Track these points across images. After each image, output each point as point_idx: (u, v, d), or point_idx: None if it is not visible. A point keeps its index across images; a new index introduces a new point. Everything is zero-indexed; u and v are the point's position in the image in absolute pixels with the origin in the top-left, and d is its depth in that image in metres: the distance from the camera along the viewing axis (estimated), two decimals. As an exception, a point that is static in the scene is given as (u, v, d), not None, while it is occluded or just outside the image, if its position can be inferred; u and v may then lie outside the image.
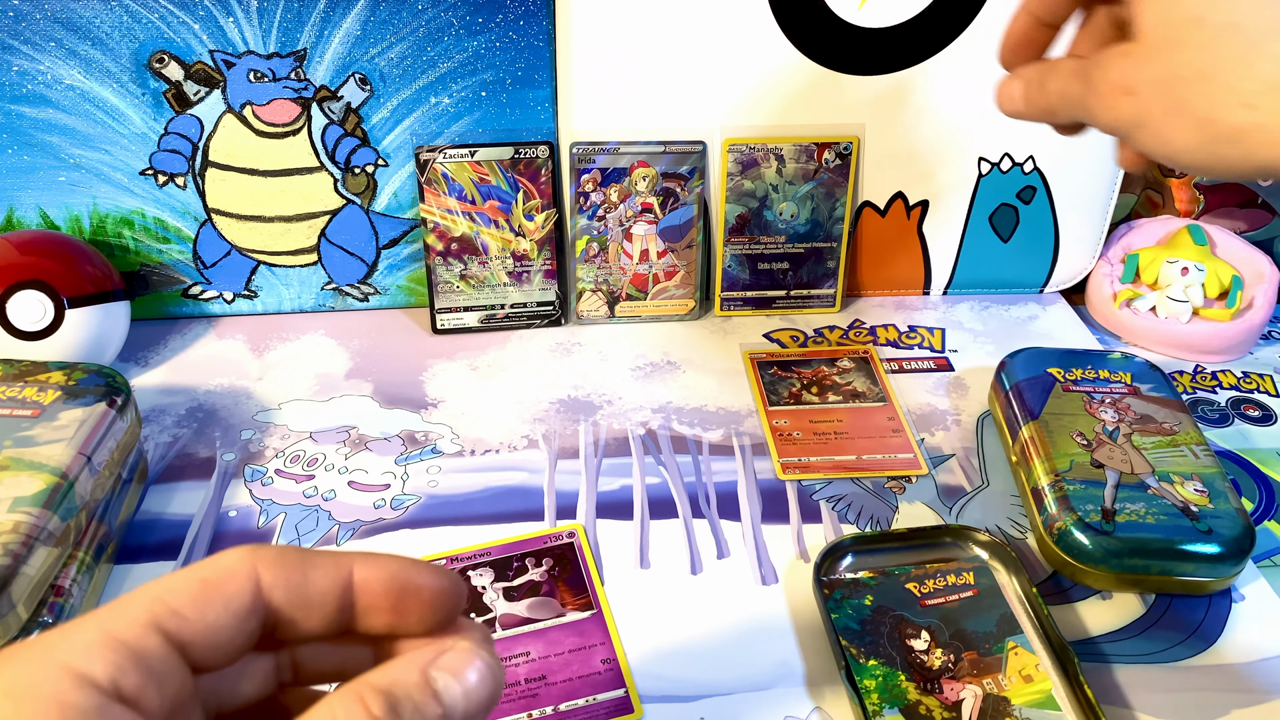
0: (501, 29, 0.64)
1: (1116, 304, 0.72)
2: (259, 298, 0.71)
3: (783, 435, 0.61)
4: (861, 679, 0.45)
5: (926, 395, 0.66)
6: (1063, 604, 0.51)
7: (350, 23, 0.63)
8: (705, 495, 0.57)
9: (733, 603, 0.50)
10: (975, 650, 0.46)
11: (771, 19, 0.64)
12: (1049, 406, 0.58)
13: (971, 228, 0.74)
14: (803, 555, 0.53)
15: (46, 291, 0.60)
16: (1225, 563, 0.50)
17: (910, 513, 0.56)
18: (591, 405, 0.64)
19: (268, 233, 0.69)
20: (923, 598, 0.48)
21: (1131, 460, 0.54)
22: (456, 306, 0.70)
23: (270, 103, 0.65)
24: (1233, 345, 0.70)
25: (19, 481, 0.45)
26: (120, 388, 0.52)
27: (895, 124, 0.69)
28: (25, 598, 0.42)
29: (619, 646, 0.47)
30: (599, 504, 0.56)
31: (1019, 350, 0.63)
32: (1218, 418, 0.65)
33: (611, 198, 0.68)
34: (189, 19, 0.62)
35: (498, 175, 0.67)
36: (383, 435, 0.61)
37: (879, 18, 0.65)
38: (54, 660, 0.22)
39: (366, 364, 0.67)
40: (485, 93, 0.66)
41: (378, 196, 0.69)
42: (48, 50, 0.61)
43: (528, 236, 0.69)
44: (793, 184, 0.70)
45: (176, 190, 0.67)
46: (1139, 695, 0.46)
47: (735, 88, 0.67)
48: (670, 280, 0.71)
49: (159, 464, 0.58)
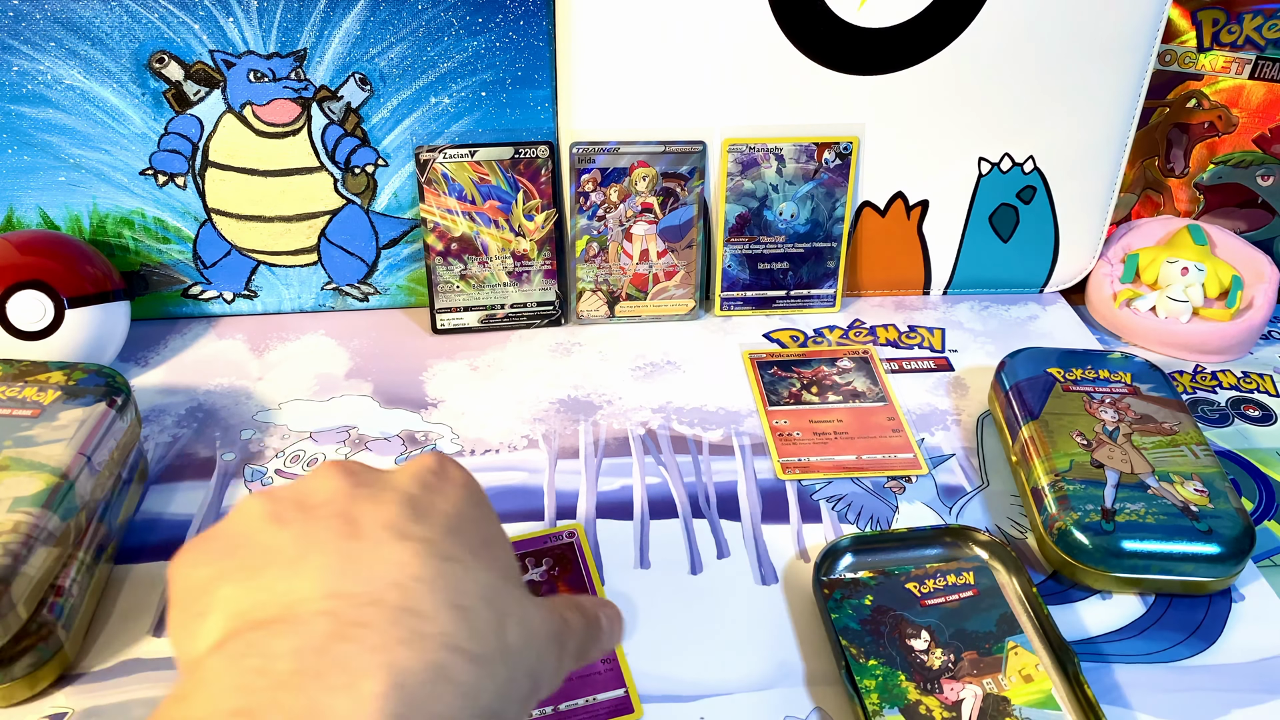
0: (501, 29, 0.64)
1: (1116, 304, 0.72)
2: (259, 298, 0.71)
3: (783, 435, 0.61)
4: (861, 679, 0.45)
5: (926, 395, 0.66)
6: (1063, 604, 0.51)
7: (350, 23, 0.63)
8: (705, 495, 0.57)
9: (733, 603, 0.50)
10: (975, 650, 0.46)
11: (771, 19, 0.64)
12: (1049, 406, 0.58)
13: (971, 228, 0.74)
14: (803, 555, 0.53)
15: (46, 291, 0.60)
16: (1225, 563, 0.50)
17: (910, 513, 0.56)
18: (591, 405, 0.64)
19: (268, 233, 0.69)
20: (923, 598, 0.48)
21: (1131, 460, 0.54)
22: (456, 306, 0.70)
23: (270, 103, 0.65)
24: (1233, 345, 0.70)
25: (19, 481, 0.45)
26: (120, 388, 0.52)
27: (895, 124, 0.69)
28: (25, 598, 0.42)
29: (619, 646, 0.47)
30: (599, 504, 0.56)
31: (1019, 350, 0.63)
32: (1218, 418, 0.65)
33: (611, 198, 0.68)
34: (189, 19, 0.62)
35: (498, 175, 0.67)
36: (383, 435, 0.61)
37: (879, 18, 0.65)
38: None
39: (366, 364, 0.67)
40: (485, 93, 0.66)
41: (378, 196, 0.69)
42: (48, 50, 0.61)
43: (528, 236, 0.69)
44: (793, 184, 0.70)
45: (176, 190, 0.67)
46: (1139, 695, 0.46)
47: (735, 88, 0.67)
48: (670, 280, 0.71)
49: (159, 464, 0.58)
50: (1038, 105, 0.69)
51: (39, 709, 0.44)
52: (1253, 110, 0.74)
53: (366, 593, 0.28)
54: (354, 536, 0.30)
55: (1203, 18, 0.73)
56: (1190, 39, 0.74)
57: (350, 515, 0.31)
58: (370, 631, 0.27)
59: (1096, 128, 0.70)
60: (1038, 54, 0.66)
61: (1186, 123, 0.77)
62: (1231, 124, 0.75)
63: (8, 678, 0.43)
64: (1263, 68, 0.73)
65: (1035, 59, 0.67)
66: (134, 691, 0.45)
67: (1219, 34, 0.73)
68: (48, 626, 0.44)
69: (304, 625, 0.27)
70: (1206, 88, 0.75)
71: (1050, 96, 0.68)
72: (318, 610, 0.28)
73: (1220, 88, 0.75)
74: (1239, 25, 0.72)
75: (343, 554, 0.29)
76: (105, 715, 0.44)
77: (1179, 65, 0.75)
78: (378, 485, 0.33)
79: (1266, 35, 0.72)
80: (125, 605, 0.49)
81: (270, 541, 0.30)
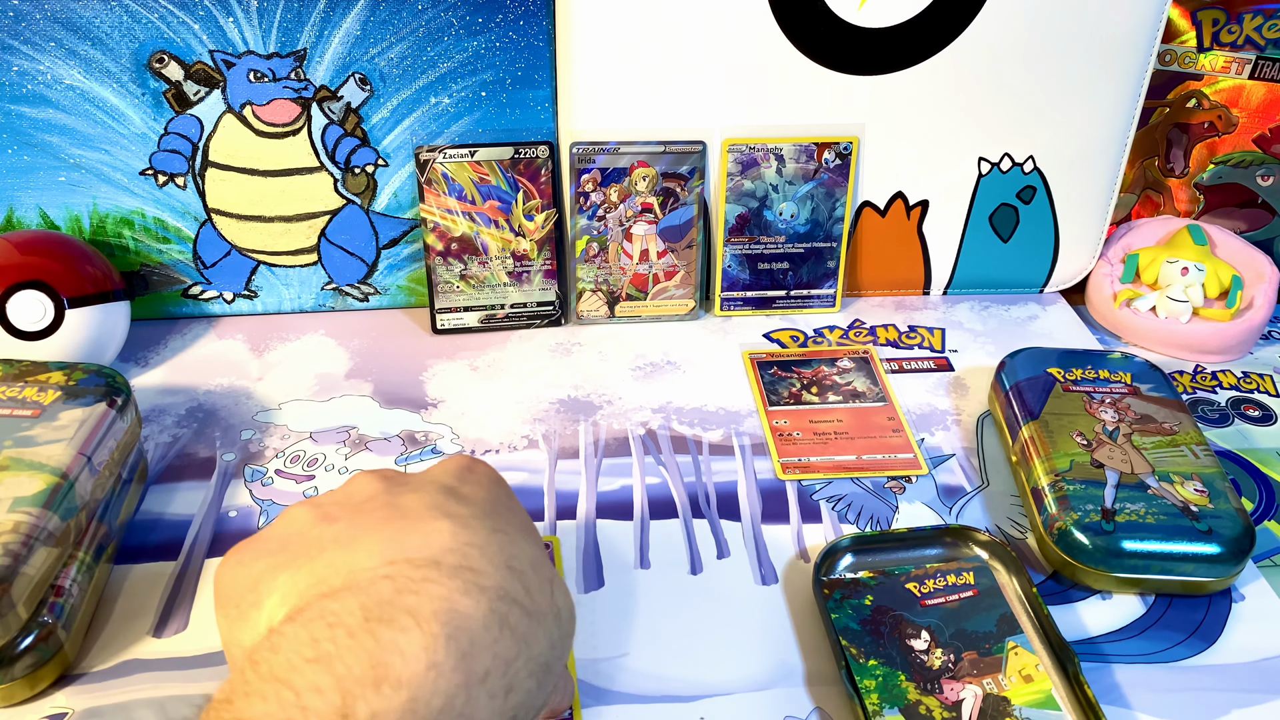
0: (501, 29, 0.64)
1: (1116, 304, 0.72)
2: (259, 298, 0.71)
3: (783, 435, 0.61)
4: (861, 679, 0.45)
5: (926, 395, 0.66)
6: (1063, 604, 0.51)
7: (350, 23, 0.63)
8: (705, 495, 0.57)
9: (733, 603, 0.50)
10: (975, 650, 0.46)
11: (771, 19, 0.64)
12: (1049, 406, 0.58)
13: (971, 228, 0.74)
14: (803, 555, 0.53)
15: (46, 291, 0.60)
16: (1225, 563, 0.50)
17: (910, 513, 0.56)
18: (591, 405, 0.64)
19: (268, 233, 0.69)
20: (923, 598, 0.48)
21: (1131, 460, 0.54)
22: (456, 306, 0.70)
23: (270, 103, 0.65)
24: (1233, 345, 0.70)
25: (19, 481, 0.45)
26: (120, 388, 0.52)
27: (895, 124, 0.69)
28: (25, 598, 0.42)
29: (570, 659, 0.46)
30: (599, 504, 0.56)
31: (1019, 350, 0.63)
32: (1218, 418, 0.65)
33: (611, 198, 0.68)
34: (189, 19, 0.62)
35: (498, 175, 0.67)
36: (383, 435, 0.61)
37: (879, 18, 0.65)
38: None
39: (366, 364, 0.67)
40: (485, 93, 0.66)
41: (378, 196, 0.69)
42: (48, 50, 0.61)
43: (528, 236, 0.69)
44: (793, 184, 0.70)
45: (176, 190, 0.67)
46: (1139, 695, 0.46)
47: (735, 88, 0.67)
48: (670, 280, 0.71)
49: (159, 464, 0.58)
50: (1038, 105, 0.69)
51: (39, 709, 0.44)
52: (1253, 110, 0.74)
53: (425, 557, 0.30)
54: (403, 518, 0.32)
55: (1203, 18, 0.73)
56: (1190, 39, 0.74)
57: (396, 505, 0.33)
58: (432, 585, 0.29)
59: (1096, 128, 0.70)
60: (1038, 54, 0.66)
61: (1186, 123, 0.77)
62: (1231, 124, 0.75)
63: (8, 678, 0.43)
64: (1263, 68, 0.73)
65: (1035, 59, 0.67)
66: (134, 691, 0.45)
67: (1219, 34, 0.73)
68: (48, 626, 0.44)
69: (369, 587, 0.29)
70: (1206, 88, 0.75)
71: (1050, 96, 0.68)
72: (381, 575, 0.30)
73: (1220, 88, 0.75)
74: (1239, 25, 0.72)
75: (396, 529, 0.32)
76: (105, 715, 0.44)
77: (1179, 65, 0.75)
78: (414, 481, 0.35)
79: (1266, 35, 0.72)
80: (125, 605, 0.49)
81: (321, 534, 0.33)
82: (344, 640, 0.27)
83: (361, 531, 0.32)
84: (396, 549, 0.31)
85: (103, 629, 0.48)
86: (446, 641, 0.28)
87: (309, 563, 0.31)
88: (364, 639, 0.27)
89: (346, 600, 0.28)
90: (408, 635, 0.28)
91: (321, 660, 0.27)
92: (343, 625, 0.28)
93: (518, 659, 0.30)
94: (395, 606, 0.28)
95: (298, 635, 0.28)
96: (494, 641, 0.29)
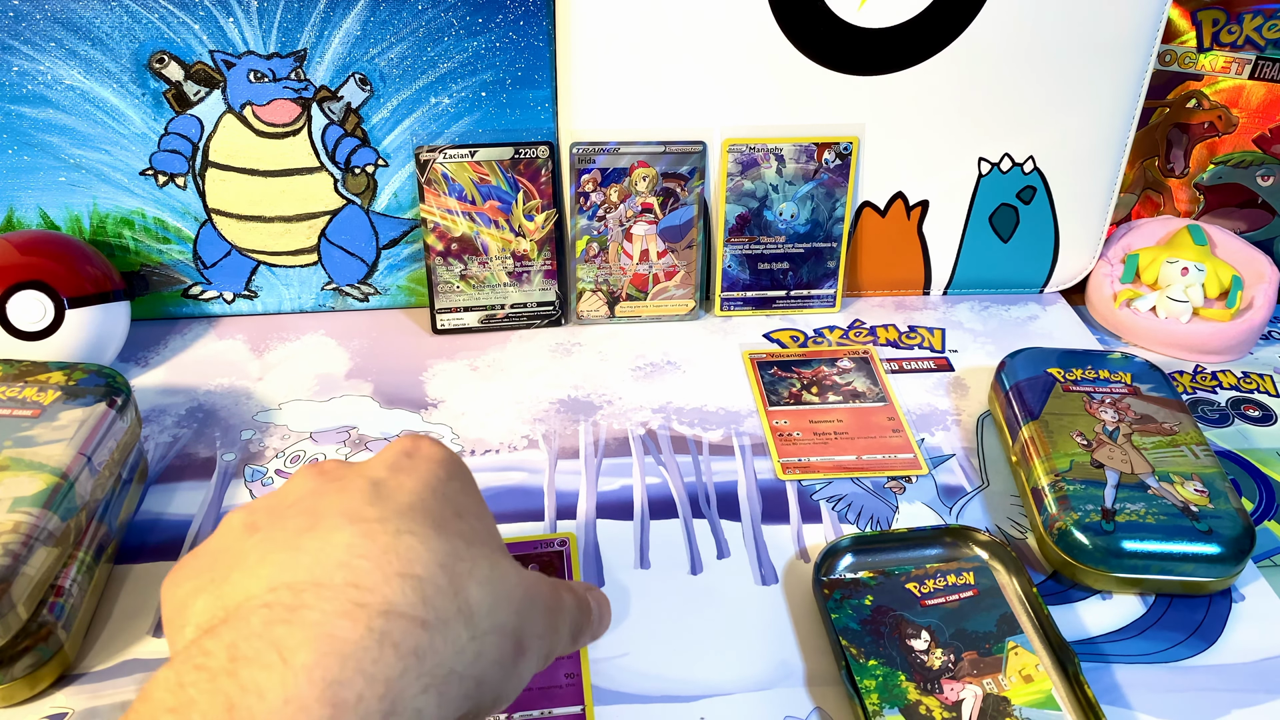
0: (501, 29, 0.64)
1: (1116, 304, 0.72)
2: (259, 298, 0.71)
3: (783, 435, 0.61)
4: (861, 679, 0.45)
5: (926, 395, 0.66)
6: (1063, 604, 0.51)
7: (350, 23, 0.63)
8: (705, 495, 0.57)
9: (733, 603, 0.50)
10: (975, 650, 0.46)
11: (771, 19, 0.64)
12: (1049, 406, 0.58)
13: (971, 228, 0.74)
14: (803, 555, 0.53)
15: (46, 291, 0.60)
16: (1225, 563, 0.50)
17: (910, 513, 0.56)
18: (591, 405, 0.64)
19: (268, 233, 0.69)
20: (923, 598, 0.48)
21: (1131, 460, 0.54)
22: (456, 306, 0.70)
23: (270, 103, 0.65)
24: (1233, 345, 0.70)
25: (19, 481, 0.45)
26: (120, 388, 0.52)
27: (895, 124, 0.69)
28: (25, 598, 0.42)
29: (585, 661, 0.47)
30: (599, 504, 0.56)
31: (1019, 350, 0.63)
32: (1218, 418, 0.65)
33: (611, 198, 0.68)
34: (189, 19, 0.62)
35: (498, 175, 0.67)
36: (383, 435, 0.61)
37: (879, 18, 0.65)
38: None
39: (366, 364, 0.67)
40: (485, 93, 0.66)
41: (378, 196, 0.69)
42: (48, 50, 0.61)
43: (528, 236, 0.69)
44: (793, 184, 0.70)
45: (176, 190, 0.67)
46: (1139, 695, 0.46)
47: (735, 88, 0.67)
48: (670, 280, 0.71)
49: (159, 464, 0.58)
50: (1038, 105, 0.69)
51: (39, 709, 0.44)
52: (1253, 110, 0.74)
53: (310, 579, 0.29)
54: (310, 529, 0.31)
55: (1203, 18, 0.73)
56: (1190, 39, 0.74)
57: (315, 510, 0.32)
58: (309, 611, 0.28)
59: (1096, 128, 0.70)
60: (1038, 54, 0.66)
61: (1186, 123, 0.77)
62: (1231, 124, 0.75)
63: (8, 678, 0.43)
64: (1263, 68, 0.73)
65: (1035, 59, 0.67)
66: (134, 692, 0.45)
67: (1219, 34, 0.73)
68: (48, 626, 0.44)
69: (242, 620, 0.28)
70: (1206, 88, 0.75)
71: (1050, 96, 0.68)
72: (259, 604, 0.29)
73: (1220, 88, 0.75)
74: (1239, 25, 0.72)
75: (294, 548, 0.31)
76: (105, 715, 0.44)
77: (1179, 65, 0.75)
78: (347, 477, 0.34)
79: (1266, 35, 0.72)
80: (125, 605, 0.49)
81: (242, 549, 0.32)
82: (205, 686, 0.26)
83: (269, 548, 0.31)
84: (285, 572, 0.30)
85: (103, 629, 0.48)
86: (309, 673, 0.27)
87: (218, 587, 0.30)
88: (224, 682, 0.26)
89: (222, 636, 0.28)
90: (268, 673, 0.26)
91: (180, 710, 0.26)
92: (206, 669, 0.27)
93: (403, 676, 0.28)
94: (263, 640, 0.27)
95: (167, 680, 0.27)
96: (372, 662, 0.28)
